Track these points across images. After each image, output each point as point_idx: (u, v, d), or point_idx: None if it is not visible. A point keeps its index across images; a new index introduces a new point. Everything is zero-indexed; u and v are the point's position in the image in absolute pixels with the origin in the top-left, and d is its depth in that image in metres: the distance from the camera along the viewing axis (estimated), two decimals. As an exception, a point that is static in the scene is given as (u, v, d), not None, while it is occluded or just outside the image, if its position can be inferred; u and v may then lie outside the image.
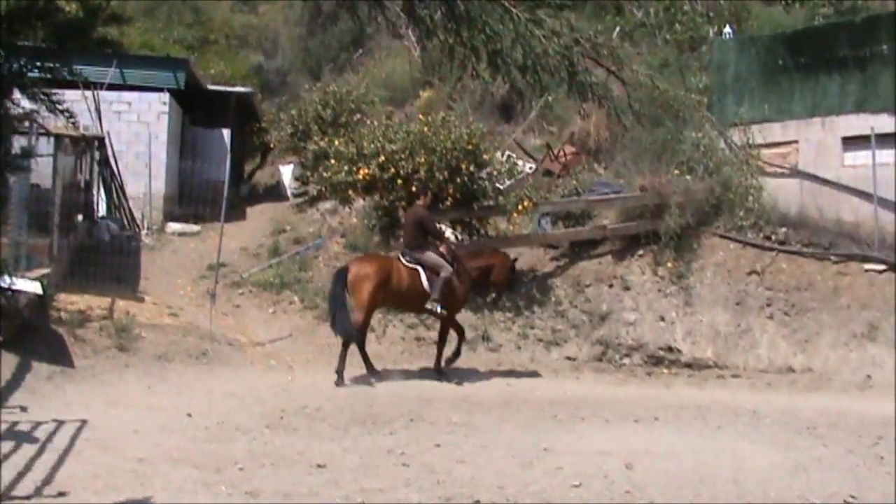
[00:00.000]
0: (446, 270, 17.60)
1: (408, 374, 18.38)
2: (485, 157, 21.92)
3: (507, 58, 9.92)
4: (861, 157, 23.31)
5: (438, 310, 17.89)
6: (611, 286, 21.69)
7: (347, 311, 17.76)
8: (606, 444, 12.95)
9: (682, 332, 20.57)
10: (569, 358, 20.22)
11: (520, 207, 21.60)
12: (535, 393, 17.24)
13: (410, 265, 17.77)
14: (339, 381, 17.20)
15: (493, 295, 18.89)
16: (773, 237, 21.94)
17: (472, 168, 21.39)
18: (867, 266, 20.68)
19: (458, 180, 21.16)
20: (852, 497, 10.84)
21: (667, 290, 21.42)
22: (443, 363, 18.38)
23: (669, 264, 21.70)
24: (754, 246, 21.85)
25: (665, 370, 19.87)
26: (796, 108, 25.17)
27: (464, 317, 20.86)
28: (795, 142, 25.07)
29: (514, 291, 20.44)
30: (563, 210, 23.25)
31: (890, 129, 23.15)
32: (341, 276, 17.79)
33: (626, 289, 21.59)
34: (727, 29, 29.11)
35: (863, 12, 27.56)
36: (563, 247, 23.07)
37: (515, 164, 24.28)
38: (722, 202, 22.60)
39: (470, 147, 21.28)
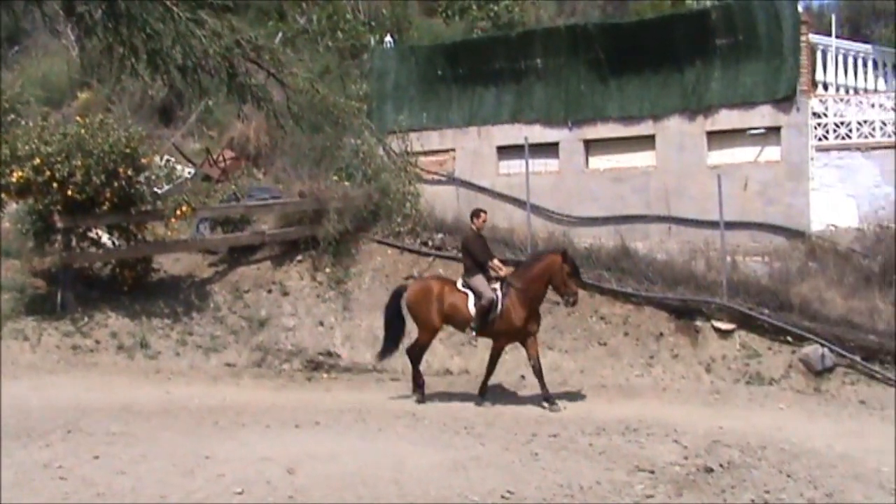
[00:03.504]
0: (486, 298, 16.90)
1: (64, 385, 17.75)
2: (143, 161, 21.41)
3: (166, 58, 9.72)
4: (515, 165, 24.18)
5: (473, 335, 17.69)
6: (270, 291, 21.63)
7: (397, 333, 17.89)
8: (268, 450, 12.88)
9: (341, 337, 20.70)
10: (228, 364, 20.00)
11: (178, 212, 21.23)
12: (195, 400, 16.95)
13: (462, 289, 17.33)
14: (420, 399, 17.43)
15: (565, 299, 17.32)
16: (430, 243, 22.35)
17: (130, 172, 20.84)
18: (520, 270, 21.37)
19: (116, 184, 20.58)
20: (509, 492, 11.18)
21: (325, 295, 21.53)
22: (547, 392, 17.29)
23: (328, 270, 21.82)
24: (412, 251, 22.22)
25: (325, 375, 19.86)
26: (454, 117, 25.95)
27: (121, 323, 20.41)
28: (452, 150, 25.78)
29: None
30: (221, 215, 23.00)
31: (542, 140, 24.14)
32: (397, 297, 17.81)
33: (285, 294, 21.57)
34: (388, 38, 29.55)
35: (519, 27, 28.64)
36: (221, 252, 22.84)
37: (174, 168, 23.88)
38: (380, 208, 22.87)
39: (128, 150, 20.74)
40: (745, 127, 22.90)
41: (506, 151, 25.23)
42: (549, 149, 24.73)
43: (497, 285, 17.08)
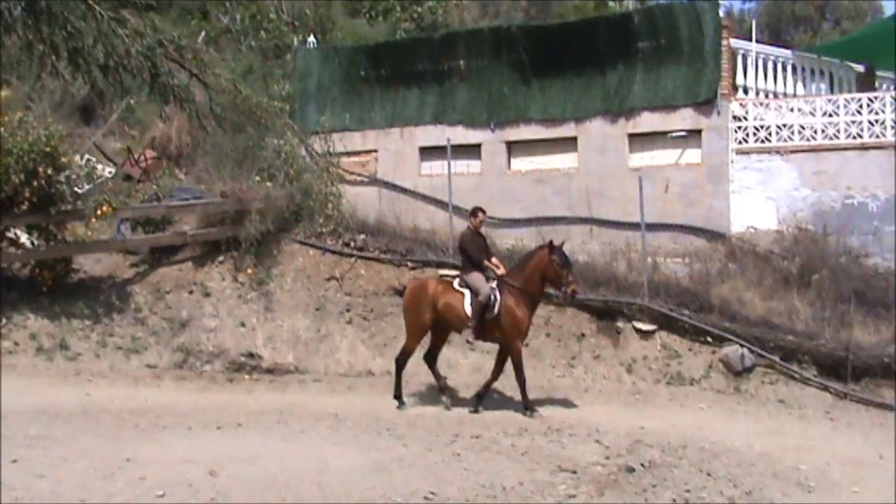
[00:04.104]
0: (483, 294, 16.56)
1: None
2: (63, 160, 21.11)
3: (88, 56, 9.65)
4: (437, 166, 24.25)
5: (471, 334, 17.32)
6: (191, 292, 21.45)
7: None
8: (190, 452, 12.83)
9: (262, 338, 20.58)
10: (149, 366, 19.86)
11: (99, 212, 20.98)
12: (116, 402, 16.82)
13: (459, 289, 16.99)
14: (400, 405, 17.27)
15: (563, 291, 16.84)
16: (352, 244, 22.29)
17: (49, 171, 20.53)
18: (442, 271, 21.26)
19: (36, 184, 20.29)
20: (432, 493, 11.23)
21: (247, 296, 21.40)
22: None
23: (250, 270, 21.69)
24: (334, 252, 22.15)
25: (246, 376, 19.79)
26: (376, 118, 25.99)
27: (41, 325, 20.17)
28: (375, 151, 25.79)
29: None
30: (142, 215, 22.76)
31: (465, 141, 24.19)
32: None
33: (207, 295, 21.40)
34: (311, 38, 29.48)
35: (442, 29, 28.70)
36: (142, 253, 22.61)
37: (95, 167, 23.61)
38: (302, 209, 22.78)
39: (48, 149, 20.45)
40: (667, 130, 23.07)
41: (428, 152, 25.29)
42: (472, 150, 24.78)
43: (494, 284, 16.84)
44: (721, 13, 23.30)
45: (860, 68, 26.02)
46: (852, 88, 25.03)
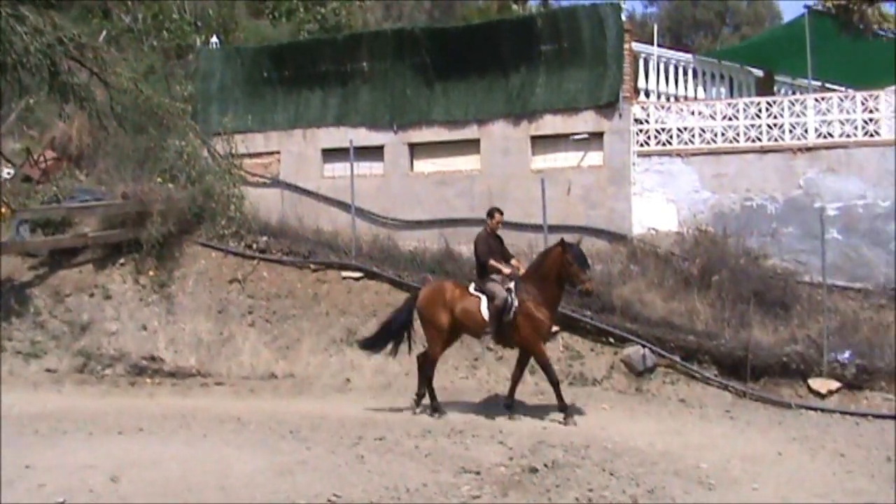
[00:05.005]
0: (499, 298, 15.99)
1: None
2: (-41, 161, 20.87)
3: (-15, 55, 9.49)
4: (340, 168, 24.19)
5: (490, 339, 16.89)
6: (92, 295, 21.23)
7: (395, 335, 17.18)
8: (91, 458, 12.69)
9: (164, 341, 20.43)
10: (49, 370, 19.63)
11: (-3, 214, 20.72)
12: (15, 408, 16.57)
13: (475, 293, 16.43)
14: (416, 409, 16.90)
15: (579, 289, 16.43)
16: (255, 246, 22.19)
17: (-55, 172, 20.30)
18: (345, 273, 21.30)
19: (-69, 185, 20.04)
20: (336, 496, 11.20)
21: (149, 298, 21.23)
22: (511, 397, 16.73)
23: (151, 273, 21.52)
24: (236, 254, 22.03)
25: (148, 380, 19.66)
26: (279, 119, 25.90)
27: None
28: (277, 152, 25.70)
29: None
30: (42, 217, 22.47)
31: (367, 143, 24.18)
32: (409, 302, 17.19)
33: (108, 298, 21.20)
34: (214, 38, 29.29)
35: (346, 30, 28.67)
36: (42, 255, 22.29)
37: (-8, 169, 23.31)
38: (204, 211, 22.63)
39: (-57, 150, 20.20)
40: (569, 132, 23.22)
41: (331, 154, 25.23)
42: (375, 152, 24.77)
43: (511, 285, 16.32)
44: (623, 17, 23.45)
45: (759, 73, 26.44)
46: (752, 92, 25.44)
